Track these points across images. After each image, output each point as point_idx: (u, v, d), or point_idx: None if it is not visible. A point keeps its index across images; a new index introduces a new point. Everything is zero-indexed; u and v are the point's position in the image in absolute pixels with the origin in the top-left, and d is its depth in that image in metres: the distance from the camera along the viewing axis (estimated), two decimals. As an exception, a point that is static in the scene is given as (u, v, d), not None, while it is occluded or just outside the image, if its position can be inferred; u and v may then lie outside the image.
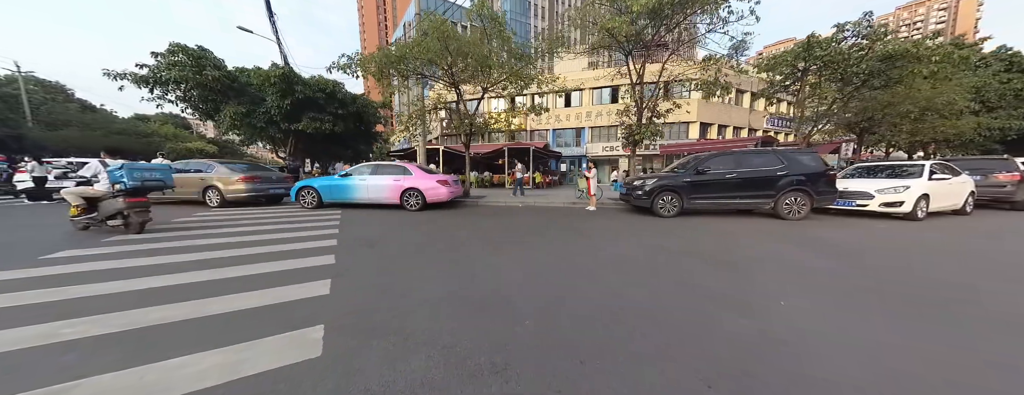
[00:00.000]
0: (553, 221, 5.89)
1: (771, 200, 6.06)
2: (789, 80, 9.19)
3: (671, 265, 3.12)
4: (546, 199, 9.68)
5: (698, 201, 6.29)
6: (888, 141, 10.58)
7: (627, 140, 9.09)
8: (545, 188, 16.03)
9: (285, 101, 10.37)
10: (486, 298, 2.27)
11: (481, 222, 5.72)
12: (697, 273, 2.86)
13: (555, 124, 22.79)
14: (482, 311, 2.06)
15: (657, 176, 6.63)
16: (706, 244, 4.05)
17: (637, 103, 8.58)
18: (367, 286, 2.50)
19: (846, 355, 1.57)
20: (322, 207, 7.42)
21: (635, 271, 2.93)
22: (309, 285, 2.48)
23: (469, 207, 8.15)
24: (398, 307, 2.11)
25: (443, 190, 7.23)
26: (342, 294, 2.32)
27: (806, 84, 8.44)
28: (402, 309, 2.07)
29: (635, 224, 5.57)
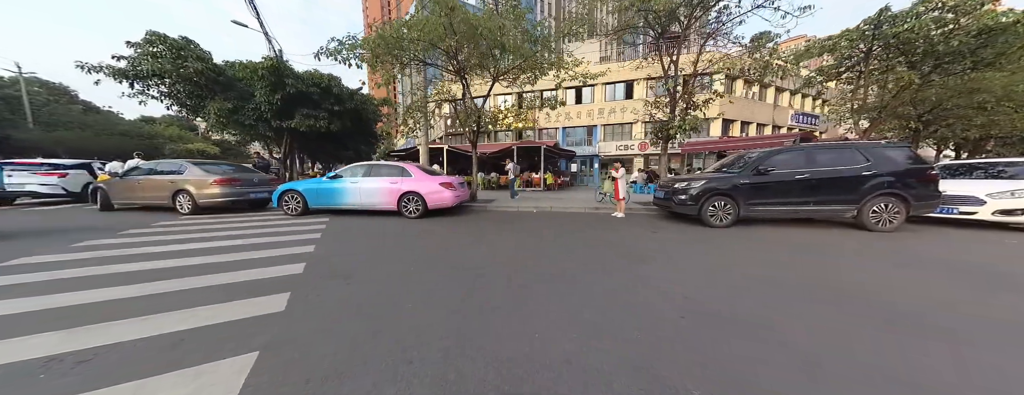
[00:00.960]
0: (581, 233, 4.78)
1: (854, 206, 4.87)
2: (848, 64, 7.95)
3: (810, 318, 1.99)
4: (562, 203, 8.58)
5: (758, 208, 5.12)
6: (951, 137, 9.23)
7: (657, 136, 7.96)
8: (557, 189, 14.91)
9: (275, 96, 9.46)
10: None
11: (493, 235, 4.64)
12: (860, 333, 1.74)
13: (565, 122, 21.65)
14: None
15: (705, 177, 5.48)
16: (807, 270, 2.91)
17: (670, 93, 7.43)
18: (316, 374, 1.44)
19: None
20: (308, 213, 6.43)
21: (767, 340, 1.81)
22: (214, 370, 1.43)
23: (477, 213, 7.09)
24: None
25: (447, 194, 6.18)
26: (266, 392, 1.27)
27: (869, 69, 7.19)
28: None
29: (687, 238, 4.44)
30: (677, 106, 7.37)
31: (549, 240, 4.24)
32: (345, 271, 2.84)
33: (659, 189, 6.33)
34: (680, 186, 5.57)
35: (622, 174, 6.59)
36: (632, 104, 20.17)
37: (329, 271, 2.84)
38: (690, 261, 3.26)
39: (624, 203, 6.70)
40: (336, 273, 2.78)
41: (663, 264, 3.14)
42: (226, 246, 3.81)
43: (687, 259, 3.33)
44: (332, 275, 2.73)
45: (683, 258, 3.37)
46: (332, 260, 3.22)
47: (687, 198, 5.39)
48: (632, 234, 4.68)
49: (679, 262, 3.22)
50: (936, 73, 6.67)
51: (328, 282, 2.55)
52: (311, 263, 3.10)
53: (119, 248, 3.68)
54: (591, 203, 8.59)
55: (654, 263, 3.16)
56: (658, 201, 6.27)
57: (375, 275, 2.73)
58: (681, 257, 3.41)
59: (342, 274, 2.76)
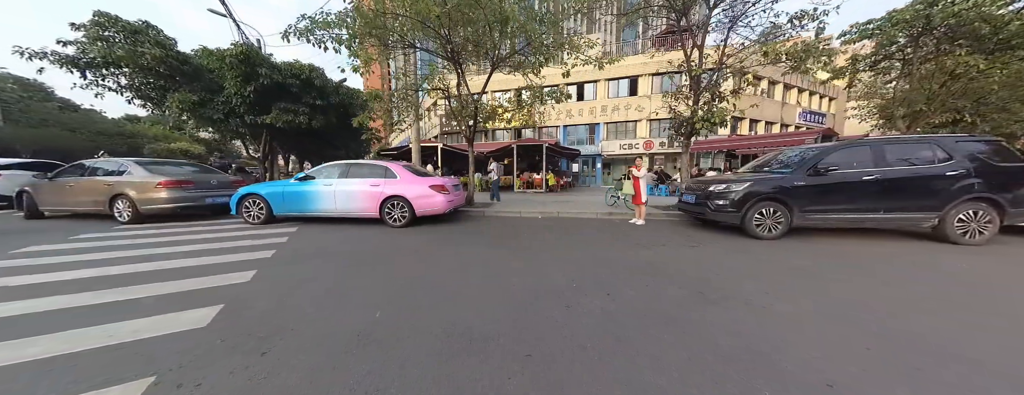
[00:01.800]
0: (605, 249, 3.84)
1: (935, 214, 3.98)
2: (887, 52, 7.10)
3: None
4: (569, 207, 7.65)
5: (815, 215, 4.22)
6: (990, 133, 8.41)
7: (677, 131, 7.06)
8: (560, 191, 13.98)
9: (248, 88, 8.42)
10: None
11: (495, 256, 3.69)
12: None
13: (566, 120, 20.74)
14: None
15: (747, 178, 4.56)
16: (993, 315, 1.99)
17: (693, 80, 6.52)
18: None
19: None
20: (273, 222, 5.44)
21: None
22: None
23: (474, 220, 6.13)
24: None
25: (438, 199, 5.22)
26: None
27: (920, 54, 6.33)
28: None
29: (741, 256, 3.51)
30: (701, 97, 6.48)
31: (569, 262, 3.29)
32: (270, 328, 1.86)
33: (687, 192, 5.42)
34: (718, 189, 4.65)
35: (644, 173, 5.67)
36: (637, 101, 19.33)
37: (245, 328, 1.86)
38: (783, 298, 2.33)
39: (644, 208, 5.77)
40: (252, 333, 1.80)
41: (747, 305, 2.20)
42: (121, 274, 2.81)
43: (776, 294, 2.40)
44: (245, 338, 1.75)
45: (765, 292, 2.44)
46: (263, 303, 2.24)
47: (727, 204, 4.47)
48: (670, 251, 3.74)
49: (766, 301, 2.29)
50: (999, 59, 5.80)
51: (229, 358, 1.57)
52: (230, 309, 2.12)
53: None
54: (601, 207, 7.66)
55: (734, 304, 2.22)
56: (686, 206, 5.35)
57: (311, 339, 1.75)
58: (761, 290, 2.48)
59: (262, 335, 1.78)
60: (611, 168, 20.99)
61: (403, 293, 2.41)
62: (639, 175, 5.68)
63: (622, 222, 5.96)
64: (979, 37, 5.68)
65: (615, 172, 21.03)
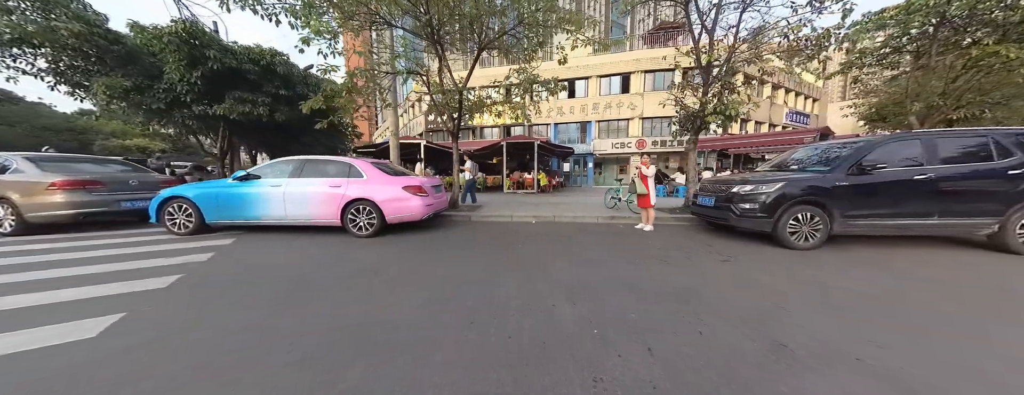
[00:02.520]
0: (619, 266, 3.07)
1: (995, 220, 3.42)
2: (896, 45, 6.69)
3: None
4: (565, 209, 6.89)
5: (859, 221, 3.59)
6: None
7: (684, 126, 6.42)
8: (552, 191, 13.25)
9: (194, 73, 7.23)
10: None
11: (480, 279, 2.87)
12: None
13: (557, 117, 20.08)
14: None
15: (778, 178, 3.90)
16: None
17: (703, 69, 5.87)
18: None
19: None
20: (205, 231, 4.41)
21: None
22: None
23: (458, 227, 5.27)
24: None
25: (415, 203, 4.34)
26: None
27: (945, 43, 5.90)
28: None
29: (787, 274, 2.81)
30: (711, 88, 5.85)
31: (580, 289, 2.49)
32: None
33: (702, 194, 4.74)
34: (744, 191, 3.97)
35: (653, 171, 4.95)
36: (629, 98, 18.88)
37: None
38: (905, 351, 1.60)
39: (653, 212, 5.06)
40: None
41: (865, 369, 1.45)
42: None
43: (887, 344, 1.67)
44: None
45: (869, 340, 1.71)
46: (87, 388, 1.33)
47: (756, 208, 3.79)
48: (702, 269, 3.01)
49: (887, 359, 1.55)
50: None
51: None
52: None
53: None
54: (600, 209, 6.94)
55: (841, 367, 1.47)
56: (702, 210, 4.67)
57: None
58: (859, 335, 1.75)
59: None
60: (603, 168, 20.48)
61: (332, 355, 1.54)
62: (648, 173, 4.97)
63: (627, 228, 5.24)
64: (999, 25, 5.27)
65: (607, 172, 20.55)
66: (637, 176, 5.14)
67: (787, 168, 4.40)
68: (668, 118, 18.88)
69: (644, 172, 4.99)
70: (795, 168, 4.29)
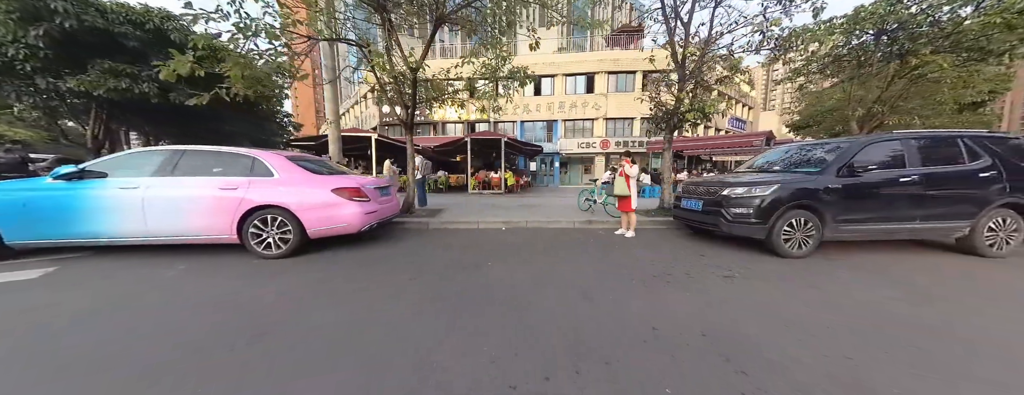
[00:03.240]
0: (617, 294, 2.41)
1: (966, 223, 3.40)
2: (836, 54, 7.11)
3: None
4: (536, 213, 6.23)
5: (850, 226, 3.39)
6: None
7: (659, 125, 6.11)
8: (519, 192, 12.60)
9: (30, 32, 5.20)
10: None
11: (428, 329, 2.00)
12: None
13: (524, 115, 19.53)
14: None
15: (769, 180, 3.57)
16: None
17: (678, 65, 5.58)
18: None
19: None
20: (6, 258, 2.92)
21: None
22: None
23: (411, 238, 4.30)
24: None
25: (349, 211, 3.31)
26: None
27: (877, 55, 6.30)
28: None
29: (811, 292, 2.38)
30: (686, 85, 5.60)
31: (570, 331, 1.76)
32: None
33: (686, 196, 4.34)
34: (735, 194, 3.59)
35: (636, 171, 4.45)
36: (594, 99, 18.97)
37: None
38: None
39: (635, 217, 4.58)
40: None
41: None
42: None
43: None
44: None
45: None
46: None
47: (750, 213, 3.42)
48: (709, 290, 2.47)
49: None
50: (948, 59, 5.82)
51: None
52: None
53: None
54: (574, 212, 6.40)
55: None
56: (687, 214, 4.27)
57: None
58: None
59: None
60: (568, 167, 20.42)
61: None
62: (631, 173, 4.46)
63: (607, 234, 4.71)
64: (931, 39, 5.70)
65: (573, 171, 20.52)
66: (619, 176, 4.62)
67: (769, 170, 4.17)
68: (630, 119, 19.37)
69: (627, 171, 4.47)
70: (778, 170, 4.06)
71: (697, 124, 5.76)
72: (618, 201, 4.64)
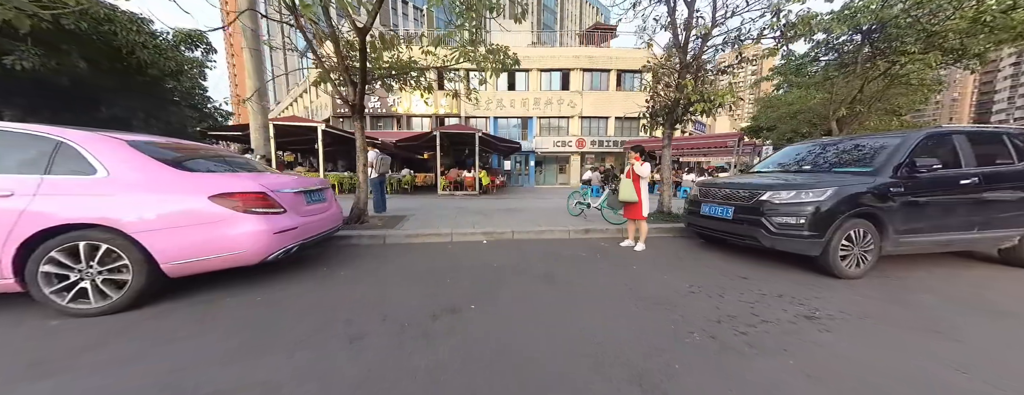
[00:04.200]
0: (700, 373, 1.47)
1: (1019, 231, 3.00)
2: (822, 51, 7.02)
3: None
4: (522, 218, 5.25)
5: (910, 238, 2.82)
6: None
7: (656, 119, 5.43)
8: (495, 192, 11.55)
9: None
10: None
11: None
12: None
13: (497, 110, 18.45)
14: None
15: (823, 183, 2.90)
16: None
17: (679, 50, 4.90)
18: None
19: None
20: None
21: None
22: None
23: (359, 259, 3.08)
24: None
25: (244, 231, 2.06)
26: None
27: (862, 54, 6.21)
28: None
29: (947, 344, 1.63)
30: (686, 74, 4.95)
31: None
32: None
33: (707, 201, 3.60)
34: (780, 200, 2.88)
35: (647, 171, 3.62)
36: (569, 96, 18.45)
37: None
38: None
39: (646, 226, 3.75)
40: None
41: None
42: None
43: None
44: None
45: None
46: None
47: (802, 223, 2.72)
48: (805, 347, 1.63)
49: None
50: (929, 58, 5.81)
51: None
52: None
53: None
54: (563, 216, 5.51)
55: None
56: (707, 223, 3.53)
57: None
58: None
59: None
60: (544, 166, 19.73)
61: None
62: (642, 173, 3.62)
63: (613, 246, 3.85)
64: (918, 37, 5.64)
65: (548, 171, 19.86)
66: (626, 177, 3.77)
67: (801, 170, 3.57)
68: (605, 118, 19.15)
69: (636, 171, 3.63)
70: (811, 170, 3.46)
71: (706, 114, 5.13)
72: (625, 208, 3.79)
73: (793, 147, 4.10)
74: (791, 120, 13.18)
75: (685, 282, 2.63)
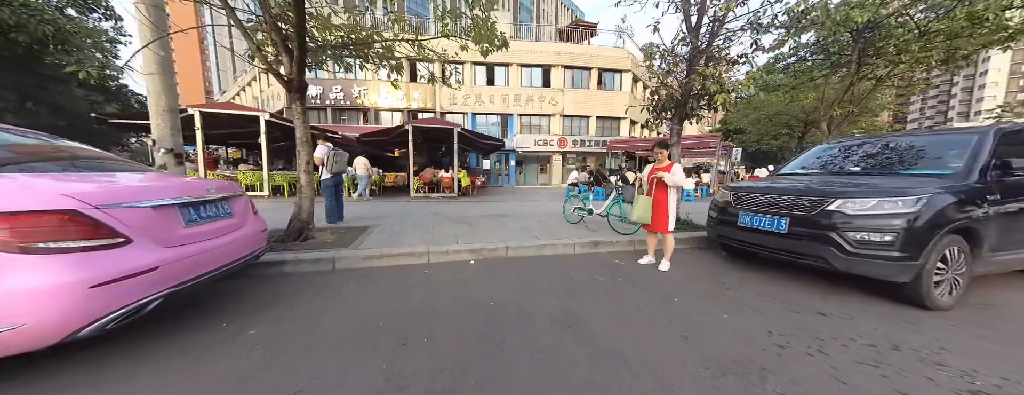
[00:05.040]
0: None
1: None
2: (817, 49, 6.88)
3: None
4: (512, 227, 4.40)
5: (1001, 256, 2.32)
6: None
7: (660, 113, 4.81)
8: (474, 194, 10.57)
9: None
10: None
11: None
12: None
13: (475, 106, 17.40)
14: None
15: (913, 190, 2.30)
16: None
17: (691, 32, 4.31)
18: None
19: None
20: None
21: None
22: None
23: (288, 299, 2.05)
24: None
25: (25, 293, 0.96)
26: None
27: (856, 55, 6.06)
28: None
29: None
30: (702, 60, 4.37)
31: None
32: None
33: (746, 210, 2.95)
34: (856, 211, 2.26)
35: (681, 177, 2.90)
36: (550, 94, 17.84)
37: None
38: None
39: (672, 240, 3.04)
40: None
41: None
42: None
43: None
44: None
45: None
46: None
47: (891, 242, 2.11)
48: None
49: None
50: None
51: None
52: None
53: None
54: (560, 225, 4.73)
55: None
56: (750, 237, 2.88)
57: None
58: None
59: None
60: (524, 166, 18.98)
61: None
62: (675, 181, 2.90)
63: (631, 265, 3.12)
64: (912, 34, 5.52)
65: (528, 171, 19.14)
66: (647, 180, 3.03)
67: (840, 170, 3.05)
68: (586, 118, 18.80)
69: (667, 180, 2.88)
70: (863, 171, 2.93)
71: (717, 109, 4.58)
72: (652, 217, 3.04)
73: (825, 145, 3.61)
74: (767, 122, 13.50)
75: (756, 324, 1.91)
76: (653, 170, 3.04)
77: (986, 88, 53.68)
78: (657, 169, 3.01)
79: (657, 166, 3.06)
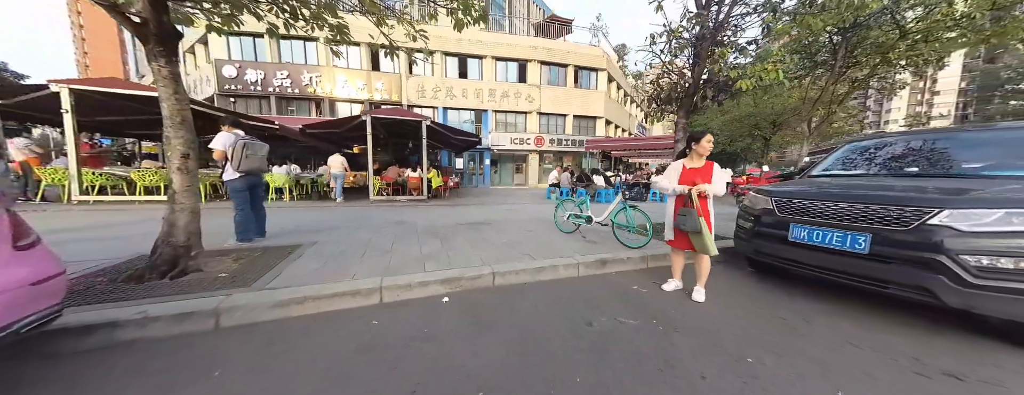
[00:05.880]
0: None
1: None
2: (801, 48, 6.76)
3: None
4: (495, 239, 3.52)
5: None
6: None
7: (665, 107, 4.19)
8: (446, 196, 9.49)
9: None
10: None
11: None
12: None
13: (447, 101, 16.17)
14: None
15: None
16: None
17: (701, 6, 3.71)
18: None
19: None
20: None
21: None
22: None
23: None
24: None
25: None
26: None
27: (843, 48, 5.95)
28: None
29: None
30: (714, 42, 3.80)
31: None
32: None
33: (801, 222, 2.32)
34: (973, 226, 1.67)
35: (721, 187, 2.18)
36: (527, 90, 17.12)
37: None
38: None
39: (708, 263, 2.34)
40: None
41: None
42: None
43: None
44: None
45: None
46: None
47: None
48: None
49: None
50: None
51: None
52: None
53: None
54: (552, 235, 3.92)
55: None
56: (804, 257, 2.25)
57: None
58: None
59: None
60: (499, 166, 18.09)
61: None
62: (718, 190, 2.18)
63: (655, 294, 2.40)
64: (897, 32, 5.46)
65: (504, 170, 18.26)
66: (689, 187, 2.26)
67: (873, 173, 2.55)
68: (563, 116, 18.33)
69: (706, 191, 2.14)
70: (937, 172, 2.43)
71: (737, 97, 4.05)
72: (691, 238, 2.29)
73: (856, 144, 3.14)
74: (736, 124, 13.86)
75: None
76: (688, 172, 2.30)
77: (894, 101, 62.03)
78: (693, 171, 2.29)
79: (691, 166, 2.33)
